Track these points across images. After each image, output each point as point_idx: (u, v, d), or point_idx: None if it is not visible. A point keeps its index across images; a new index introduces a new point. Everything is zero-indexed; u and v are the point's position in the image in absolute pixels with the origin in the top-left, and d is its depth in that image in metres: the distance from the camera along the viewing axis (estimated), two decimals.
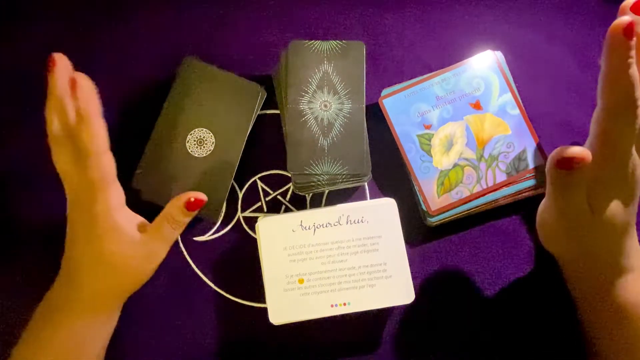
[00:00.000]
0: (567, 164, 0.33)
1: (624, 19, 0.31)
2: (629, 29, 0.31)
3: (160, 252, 0.40)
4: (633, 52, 0.31)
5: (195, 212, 0.42)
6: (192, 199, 0.41)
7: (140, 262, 0.39)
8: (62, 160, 0.38)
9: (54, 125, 0.37)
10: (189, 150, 0.44)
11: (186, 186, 0.41)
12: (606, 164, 0.34)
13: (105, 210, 0.38)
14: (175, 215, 0.40)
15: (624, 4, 0.33)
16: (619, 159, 0.34)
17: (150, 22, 0.50)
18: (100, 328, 0.39)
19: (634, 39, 0.31)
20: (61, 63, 0.37)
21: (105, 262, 0.38)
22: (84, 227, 0.38)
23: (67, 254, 0.40)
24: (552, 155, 0.34)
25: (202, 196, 0.41)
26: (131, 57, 0.49)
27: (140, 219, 0.41)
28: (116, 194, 0.39)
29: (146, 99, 0.47)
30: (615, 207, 0.35)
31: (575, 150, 0.32)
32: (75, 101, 0.37)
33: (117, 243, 0.38)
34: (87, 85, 0.37)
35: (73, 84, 0.37)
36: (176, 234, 0.41)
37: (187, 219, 0.42)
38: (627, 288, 0.37)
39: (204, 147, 0.44)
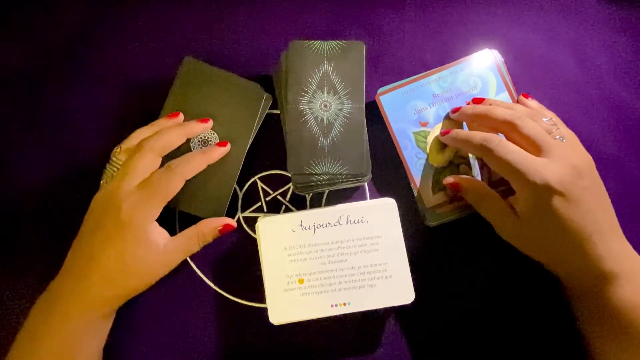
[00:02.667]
0: (451, 188, 0.43)
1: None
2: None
3: (178, 262, 0.41)
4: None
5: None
6: (226, 225, 0.42)
7: (157, 267, 0.40)
8: (140, 159, 0.40)
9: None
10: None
11: (188, 188, 0.41)
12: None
13: (143, 222, 0.38)
14: (207, 235, 0.41)
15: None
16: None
17: (150, 22, 0.50)
18: (98, 326, 0.40)
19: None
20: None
21: (122, 263, 0.38)
22: (109, 225, 0.38)
23: (78, 244, 0.39)
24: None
25: (234, 224, 0.43)
26: (132, 57, 0.49)
27: (165, 232, 0.41)
28: (159, 210, 0.40)
29: (146, 99, 0.47)
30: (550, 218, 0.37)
31: (448, 180, 0.43)
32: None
33: (142, 249, 0.38)
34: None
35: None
36: (198, 249, 0.42)
37: (212, 240, 0.42)
38: (617, 294, 0.36)
39: None
